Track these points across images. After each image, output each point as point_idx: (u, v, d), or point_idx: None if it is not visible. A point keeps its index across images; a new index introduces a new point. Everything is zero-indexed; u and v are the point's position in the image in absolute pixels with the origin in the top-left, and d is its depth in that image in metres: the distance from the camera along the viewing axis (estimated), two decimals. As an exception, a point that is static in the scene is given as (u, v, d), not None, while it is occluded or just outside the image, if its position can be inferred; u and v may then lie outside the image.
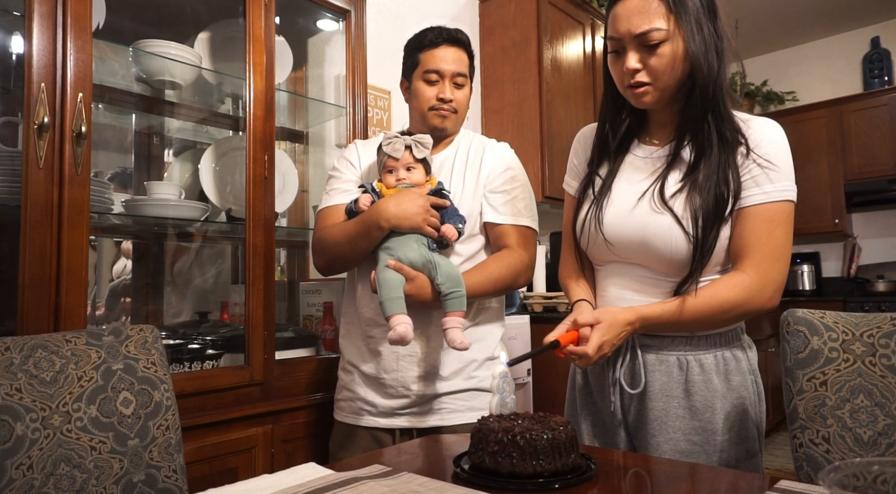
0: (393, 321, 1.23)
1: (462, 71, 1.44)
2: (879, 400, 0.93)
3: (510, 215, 1.42)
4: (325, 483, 0.78)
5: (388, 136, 1.35)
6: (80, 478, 0.89)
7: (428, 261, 1.28)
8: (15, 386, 0.88)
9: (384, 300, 1.24)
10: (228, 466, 1.43)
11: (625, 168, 1.19)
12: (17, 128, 1.39)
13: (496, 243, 1.43)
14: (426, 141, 1.35)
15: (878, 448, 0.91)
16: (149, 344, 1.03)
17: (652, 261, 1.11)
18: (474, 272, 1.35)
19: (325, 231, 1.39)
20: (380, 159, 1.38)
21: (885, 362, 0.95)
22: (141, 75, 1.74)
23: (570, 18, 3.08)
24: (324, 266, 1.44)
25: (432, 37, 1.44)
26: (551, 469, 0.80)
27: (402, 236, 1.30)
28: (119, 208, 1.57)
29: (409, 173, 1.35)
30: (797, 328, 0.99)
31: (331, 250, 1.38)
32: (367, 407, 1.38)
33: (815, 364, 0.97)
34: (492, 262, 1.40)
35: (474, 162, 1.46)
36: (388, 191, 1.34)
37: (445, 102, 1.42)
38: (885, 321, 0.98)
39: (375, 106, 2.45)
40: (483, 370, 1.42)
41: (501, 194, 1.43)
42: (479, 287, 1.33)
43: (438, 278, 1.27)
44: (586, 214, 1.18)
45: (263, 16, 1.61)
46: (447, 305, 1.27)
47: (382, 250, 1.30)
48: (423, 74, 1.43)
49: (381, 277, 1.26)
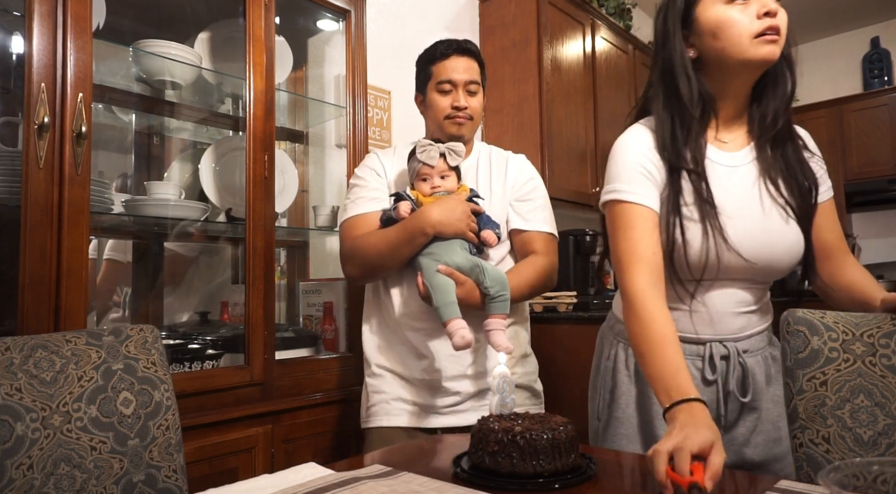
0: (452, 325, 1.24)
1: (474, 79, 1.48)
2: (879, 400, 0.93)
3: (537, 222, 1.46)
4: (325, 483, 0.78)
5: (421, 143, 1.37)
6: (80, 478, 0.89)
7: (476, 265, 1.30)
8: (15, 386, 0.88)
9: (440, 305, 1.25)
10: (228, 466, 1.43)
11: (713, 177, 1.07)
12: (17, 128, 1.39)
13: (523, 248, 1.46)
14: (459, 149, 1.38)
15: (879, 448, 0.91)
16: (149, 344, 1.03)
17: (769, 273, 1.09)
18: (512, 276, 1.37)
19: (360, 240, 1.40)
20: (412, 167, 1.39)
21: (886, 362, 0.95)
22: (141, 75, 1.74)
23: (570, 18, 3.08)
24: (359, 275, 1.44)
25: (443, 49, 1.48)
26: (551, 469, 0.80)
27: (445, 242, 1.31)
28: (119, 208, 1.57)
29: (443, 181, 1.37)
30: (797, 328, 0.99)
31: (369, 258, 1.38)
32: (411, 408, 1.39)
33: (815, 364, 0.97)
34: (526, 267, 1.42)
35: (499, 171, 1.50)
36: (425, 199, 1.35)
37: (460, 109, 1.45)
38: (886, 320, 0.98)
39: (375, 106, 2.45)
40: (518, 367, 1.46)
41: (528, 203, 1.47)
42: (518, 291, 1.36)
43: (487, 281, 1.29)
44: (703, 234, 1.03)
45: (263, 16, 1.61)
46: (493, 307, 1.29)
47: (426, 256, 1.31)
48: (437, 85, 1.47)
49: (434, 282, 1.27)
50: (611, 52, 3.39)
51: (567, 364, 2.71)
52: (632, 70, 3.58)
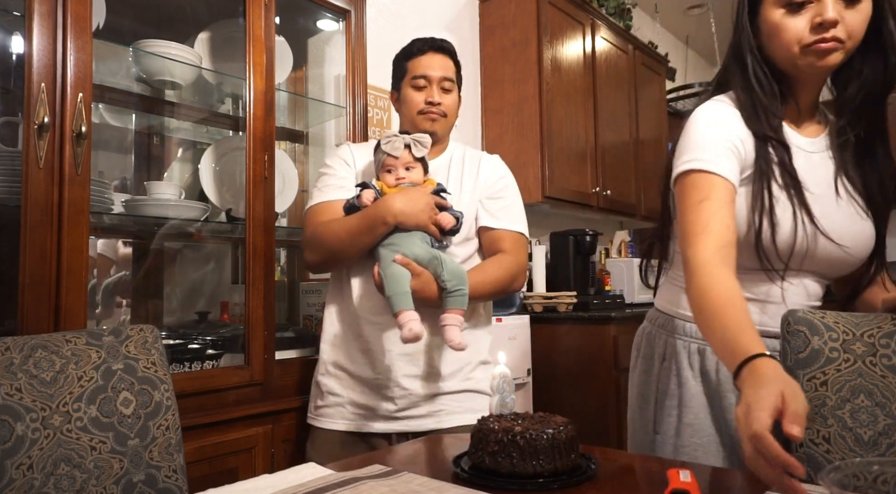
0: (402, 317, 1.21)
1: (449, 76, 1.47)
2: (880, 400, 0.93)
3: (506, 220, 1.44)
4: (325, 483, 0.78)
5: (386, 135, 1.36)
6: (80, 478, 0.89)
7: (434, 257, 1.28)
8: (15, 386, 0.88)
9: (392, 295, 1.22)
10: (228, 466, 1.43)
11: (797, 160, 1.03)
12: (17, 128, 1.39)
13: (490, 247, 1.44)
14: (425, 140, 1.35)
15: (879, 448, 0.91)
16: (149, 344, 1.03)
17: (846, 264, 1.05)
18: (475, 273, 1.35)
19: (321, 227, 1.38)
20: (378, 158, 1.37)
21: (886, 362, 0.95)
22: (141, 75, 1.74)
23: (570, 18, 3.08)
24: (318, 262, 1.41)
25: (419, 45, 1.49)
26: (551, 469, 0.80)
27: (405, 233, 1.29)
28: (119, 208, 1.57)
29: (408, 172, 1.35)
30: (797, 328, 0.99)
31: (328, 245, 1.36)
32: (361, 411, 1.36)
33: (815, 364, 0.97)
34: (490, 264, 1.40)
35: (471, 170, 1.49)
36: (390, 189, 1.34)
37: (434, 104, 1.45)
38: (886, 320, 0.98)
39: (375, 106, 2.45)
40: (479, 373, 1.42)
41: (497, 201, 1.46)
42: (479, 288, 1.33)
43: (444, 274, 1.26)
44: (793, 218, 0.98)
45: (263, 16, 1.61)
46: (449, 301, 1.26)
47: (385, 247, 1.29)
48: (411, 80, 1.46)
49: (389, 272, 1.25)
50: (611, 52, 3.39)
51: (566, 364, 2.71)
52: (632, 70, 3.58)
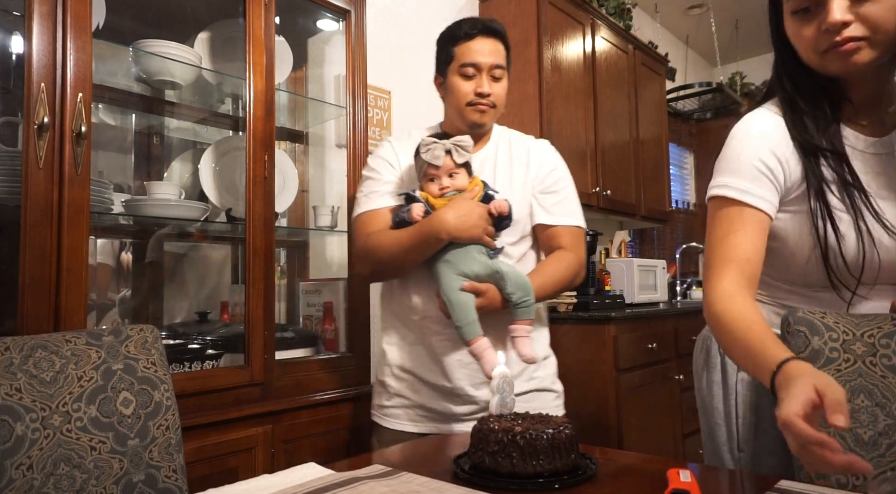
0: (476, 347, 1.21)
1: (500, 63, 1.38)
2: (880, 400, 0.93)
3: (563, 215, 1.40)
4: (325, 483, 0.78)
5: (424, 141, 1.29)
6: (80, 478, 0.89)
7: (494, 271, 1.25)
8: (15, 386, 0.88)
9: (462, 326, 1.21)
10: (228, 466, 1.43)
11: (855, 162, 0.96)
12: (17, 128, 1.39)
13: (548, 243, 1.41)
14: (467, 143, 1.28)
15: (879, 449, 0.91)
16: (149, 344, 1.03)
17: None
18: (537, 275, 1.32)
19: (371, 239, 1.35)
20: (419, 166, 1.33)
21: (886, 362, 0.95)
22: (141, 75, 1.74)
23: (570, 18, 3.08)
24: (369, 274, 1.41)
25: (467, 28, 1.38)
26: (551, 469, 0.80)
27: (460, 248, 1.25)
28: (119, 208, 1.57)
29: (452, 180, 1.29)
30: (798, 328, 0.99)
31: (381, 260, 1.34)
32: (429, 414, 1.36)
33: (815, 364, 0.97)
34: (552, 264, 1.37)
35: (520, 161, 1.42)
36: (436, 201, 1.29)
37: (484, 96, 1.36)
38: (886, 321, 0.98)
39: (375, 106, 2.45)
40: (541, 371, 1.41)
41: (552, 195, 1.41)
42: (542, 290, 1.31)
43: (508, 287, 1.24)
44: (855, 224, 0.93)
45: (263, 16, 1.61)
46: (518, 313, 1.24)
47: (443, 264, 1.26)
48: (459, 68, 1.37)
49: (454, 299, 1.22)
50: (611, 52, 3.39)
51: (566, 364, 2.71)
52: (632, 70, 3.58)
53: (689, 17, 4.57)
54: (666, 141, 3.94)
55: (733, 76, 5.14)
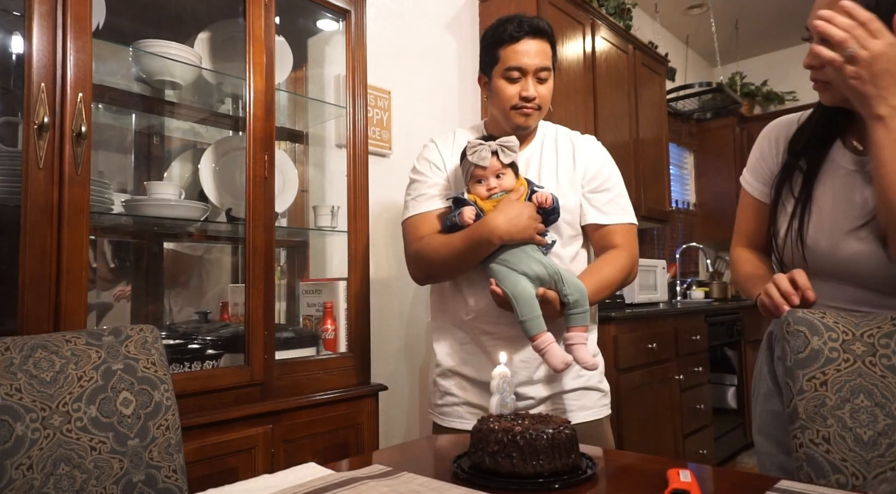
0: (541, 342, 1.21)
1: (545, 64, 1.35)
2: (880, 400, 0.93)
3: (615, 214, 1.39)
4: (325, 483, 0.78)
5: (471, 143, 1.29)
6: (80, 478, 0.89)
7: (555, 272, 1.25)
8: (15, 386, 0.88)
9: (527, 320, 1.21)
10: (228, 466, 1.43)
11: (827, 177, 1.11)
12: (17, 128, 1.39)
13: (601, 242, 1.40)
14: (513, 144, 1.28)
15: (878, 449, 0.91)
16: (149, 344, 1.03)
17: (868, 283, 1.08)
18: (590, 277, 1.31)
19: (423, 243, 1.36)
20: (465, 168, 1.33)
21: (886, 362, 0.95)
22: (141, 75, 1.74)
23: (569, 18, 3.08)
24: (423, 278, 1.42)
25: (512, 30, 1.34)
26: (551, 469, 0.80)
27: (515, 249, 1.26)
28: (119, 208, 1.57)
29: (499, 181, 1.29)
30: (797, 328, 0.99)
31: (433, 264, 1.35)
32: (479, 412, 1.37)
33: (815, 364, 0.97)
34: (605, 265, 1.36)
35: (566, 158, 1.41)
36: (484, 202, 1.29)
37: (529, 100, 1.35)
38: (885, 321, 0.98)
39: (375, 106, 2.45)
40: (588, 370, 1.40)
41: (603, 194, 1.39)
42: (597, 292, 1.31)
43: (566, 288, 1.23)
44: (787, 228, 1.13)
45: (263, 16, 1.61)
46: (573, 319, 1.24)
47: (498, 263, 1.26)
48: (504, 71, 1.35)
49: (520, 294, 1.21)
50: (611, 52, 3.39)
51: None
52: (632, 70, 3.58)
53: (689, 17, 4.57)
54: (666, 141, 3.94)
55: (733, 76, 5.14)
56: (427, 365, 2.59)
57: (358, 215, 1.83)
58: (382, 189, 2.36)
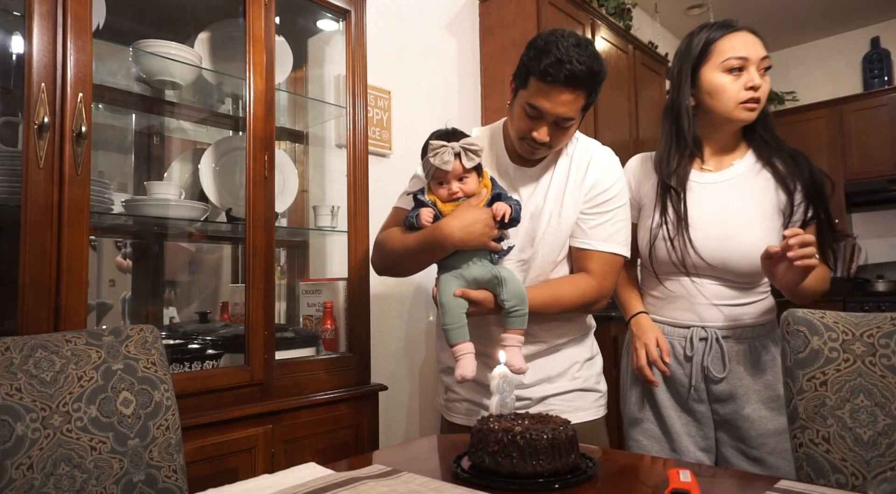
0: (457, 350, 1.20)
1: (571, 116, 1.24)
2: (879, 400, 0.93)
3: (598, 239, 1.34)
4: (325, 483, 0.78)
5: (433, 146, 1.23)
6: (80, 478, 0.89)
7: (494, 277, 1.23)
8: (15, 386, 0.88)
9: (448, 329, 1.21)
10: (228, 466, 1.43)
11: (695, 196, 1.41)
12: (17, 128, 1.39)
13: (577, 264, 1.37)
14: (477, 147, 1.23)
15: (878, 448, 0.91)
16: (149, 344, 1.03)
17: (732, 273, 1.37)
18: (542, 290, 1.30)
19: (385, 235, 1.38)
20: (427, 169, 1.28)
21: (885, 362, 0.95)
22: (141, 75, 1.74)
23: (569, 18, 3.08)
24: (381, 268, 1.42)
25: (553, 71, 1.18)
26: (551, 469, 0.80)
27: (464, 254, 1.24)
28: (119, 208, 1.57)
29: (462, 184, 1.25)
30: (797, 328, 0.99)
31: (389, 258, 1.36)
32: (478, 408, 1.39)
33: (815, 364, 0.97)
34: (564, 284, 1.33)
35: (578, 171, 1.35)
36: (444, 205, 1.27)
37: (538, 142, 1.26)
38: (885, 321, 0.98)
39: (375, 106, 2.45)
40: (585, 371, 1.40)
41: (595, 216, 1.34)
42: (543, 306, 1.28)
43: (504, 294, 1.22)
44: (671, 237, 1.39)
45: (263, 16, 1.61)
46: (509, 322, 1.23)
47: (443, 267, 1.27)
48: (527, 106, 1.24)
49: (446, 302, 1.21)
50: (611, 52, 3.39)
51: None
52: (632, 70, 3.58)
53: (689, 17, 4.57)
54: (666, 141, 3.93)
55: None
56: (427, 365, 2.59)
57: (358, 216, 1.83)
58: (382, 189, 2.35)
